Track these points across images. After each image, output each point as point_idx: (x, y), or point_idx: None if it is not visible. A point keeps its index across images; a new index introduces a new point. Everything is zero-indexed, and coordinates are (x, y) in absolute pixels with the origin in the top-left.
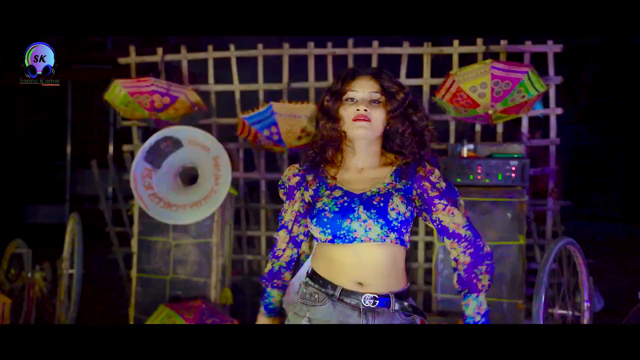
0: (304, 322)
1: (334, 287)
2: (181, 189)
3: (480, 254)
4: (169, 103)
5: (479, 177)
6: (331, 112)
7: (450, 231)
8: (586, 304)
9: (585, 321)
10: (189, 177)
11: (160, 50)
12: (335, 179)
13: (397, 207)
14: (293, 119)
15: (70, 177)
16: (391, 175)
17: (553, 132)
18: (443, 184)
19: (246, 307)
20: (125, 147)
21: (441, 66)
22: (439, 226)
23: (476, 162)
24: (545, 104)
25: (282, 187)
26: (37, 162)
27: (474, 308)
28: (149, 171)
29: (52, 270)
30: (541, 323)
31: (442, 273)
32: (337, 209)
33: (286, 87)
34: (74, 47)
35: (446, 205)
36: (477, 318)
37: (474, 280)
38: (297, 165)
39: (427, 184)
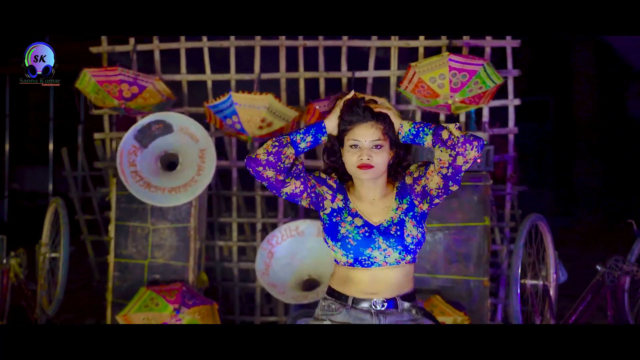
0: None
1: (347, 297)
2: (159, 173)
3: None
4: (137, 92)
5: None
6: (334, 153)
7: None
8: (553, 275)
9: (552, 291)
10: (168, 162)
11: (132, 40)
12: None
13: (411, 232)
14: (253, 109)
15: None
16: (395, 199)
17: (512, 122)
18: (414, 168)
19: (218, 292)
20: (97, 135)
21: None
22: (447, 176)
23: None
24: (504, 95)
25: (323, 180)
26: None
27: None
28: (135, 149)
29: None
30: (518, 292)
31: None
32: (359, 238)
33: (257, 78)
34: (12, 41)
35: (427, 168)
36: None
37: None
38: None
39: (416, 185)
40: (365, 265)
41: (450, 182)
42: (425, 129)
